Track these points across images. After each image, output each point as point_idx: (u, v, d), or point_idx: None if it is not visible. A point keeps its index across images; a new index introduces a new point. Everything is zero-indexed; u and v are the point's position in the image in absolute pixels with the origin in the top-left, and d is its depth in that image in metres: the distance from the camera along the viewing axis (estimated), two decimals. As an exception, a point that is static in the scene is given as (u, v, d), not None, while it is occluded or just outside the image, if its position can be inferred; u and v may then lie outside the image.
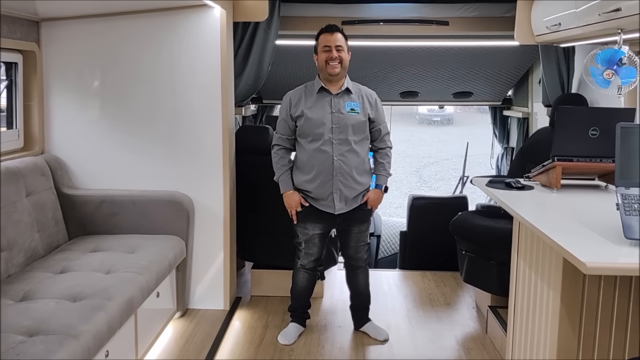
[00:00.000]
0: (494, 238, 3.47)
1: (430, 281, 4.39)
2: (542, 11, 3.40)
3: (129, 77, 3.47)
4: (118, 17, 3.40)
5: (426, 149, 20.86)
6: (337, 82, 3.13)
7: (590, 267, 1.82)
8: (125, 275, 2.71)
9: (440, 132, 23.99)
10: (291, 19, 4.21)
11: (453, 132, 23.29)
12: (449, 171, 17.58)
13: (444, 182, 16.20)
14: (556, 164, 2.94)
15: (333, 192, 3.10)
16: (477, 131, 21.90)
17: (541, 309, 2.54)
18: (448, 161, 18.87)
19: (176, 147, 3.51)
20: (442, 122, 25.91)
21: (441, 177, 16.97)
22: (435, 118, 25.62)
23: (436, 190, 15.27)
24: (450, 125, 25.53)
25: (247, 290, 4.12)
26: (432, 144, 21.68)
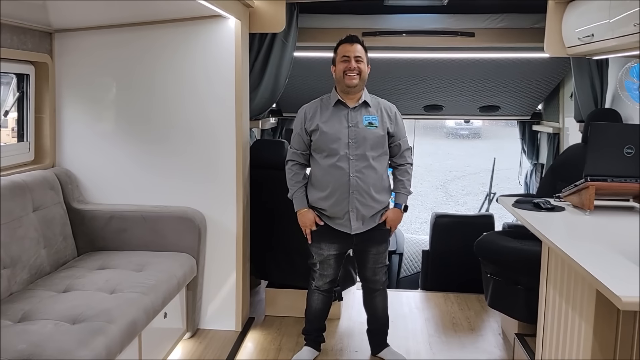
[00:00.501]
0: (522, 261, 3.27)
1: (453, 304, 4.18)
2: (573, 22, 3.21)
3: (142, 89, 3.39)
4: (131, 28, 3.32)
5: (453, 162, 20.51)
6: (354, 95, 2.99)
7: (626, 302, 1.65)
8: (130, 295, 2.59)
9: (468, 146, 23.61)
10: (310, 30, 4.10)
11: (481, 146, 22.90)
12: (476, 186, 17.22)
13: (471, 197, 15.87)
14: (589, 184, 2.75)
15: (349, 211, 2.94)
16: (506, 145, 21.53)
17: (572, 342, 2.34)
18: (475, 175, 18.51)
19: (189, 162, 3.40)
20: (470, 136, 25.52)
21: (468, 191, 16.63)
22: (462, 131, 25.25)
23: (463, 206, 14.96)
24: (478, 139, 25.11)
25: (261, 310, 3.98)
26: (460, 157, 21.32)
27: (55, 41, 3.33)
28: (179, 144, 3.40)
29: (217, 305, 3.51)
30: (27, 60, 3.18)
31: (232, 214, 3.42)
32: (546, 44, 3.46)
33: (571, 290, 2.38)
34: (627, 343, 2.07)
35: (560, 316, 2.51)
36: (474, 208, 14.91)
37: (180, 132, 3.39)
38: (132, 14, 3.19)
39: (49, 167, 3.33)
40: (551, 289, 2.64)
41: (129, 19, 3.27)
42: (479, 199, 15.74)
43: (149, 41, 3.34)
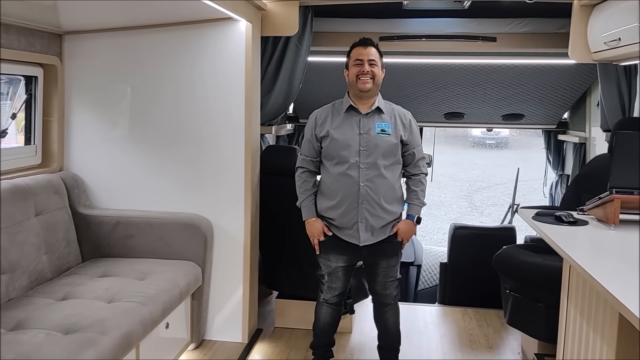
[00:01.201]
0: (543, 277, 3.10)
1: (471, 319, 4.01)
2: (599, 26, 3.04)
3: (151, 93, 3.32)
4: (142, 30, 3.27)
5: (479, 172, 20.17)
6: (367, 100, 2.87)
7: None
8: (128, 305, 2.50)
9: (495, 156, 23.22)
10: (325, 34, 3.99)
11: (508, 156, 22.49)
12: (502, 197, 16.89)
13: (496, 208, 15.55)
14: (614, 197, 2.58)
15: (358, 221, 2.81)
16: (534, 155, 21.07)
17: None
18: (501, 186, 18.17)
19: (197, 167, 3.32)
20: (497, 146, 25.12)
21: (493, 202, 16.31)
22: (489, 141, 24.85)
23: (488, 217, 14.65)
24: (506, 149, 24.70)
25: (270, 321, 3.87)
26: (485, 167, 20.97)
27: (64, 43, 3.29)
28: (187, 149, 3.32)
29: (223, 316, 3.41)
30: (35, 63, 3.15)
31: (240, 222, 3.32)
32: (571, 49, 3.29)
33: (593, 311, 2.22)
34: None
35: (581, 337, 2.34)
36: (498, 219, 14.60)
37: (189, 137, 3.31)
38: (143, 16, 3.13)
39: (56, 171, 3.28)
40: (572, 308, 2.48)
41: (140, 22, 3.21)
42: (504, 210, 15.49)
43: (159, 44, 3.27)
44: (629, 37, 2.59)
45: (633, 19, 2.51)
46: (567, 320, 2.54)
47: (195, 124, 3.29)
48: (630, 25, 2.56)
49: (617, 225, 2.58)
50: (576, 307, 2.42)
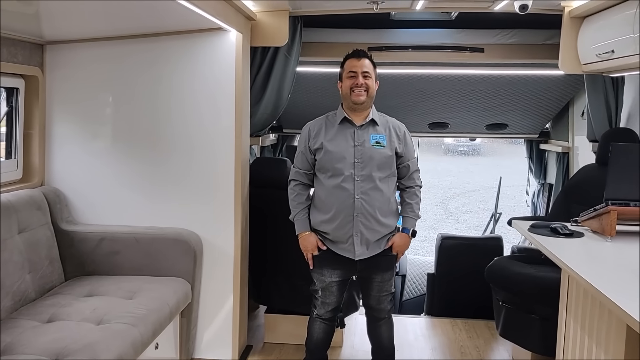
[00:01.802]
0: (537, 289, 3.10)
1: (461, 331, 3.98)
2: (591, 37, 3.06)
3: (136, 105, 3.22)
4: (128, 40, 3.17)
5: (452, 179, 20.38)
6: (361, 112, 2.83)
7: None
8: (118, 327, 2.40)
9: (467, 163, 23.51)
10: (314, 45, 3.96)
11: (481, 163, 22.82)
12: (476, 203, 17.10)
13: (470, 215, 15.72)
14: (610, 209, 2.58)
15: (353, 235, 2.76)
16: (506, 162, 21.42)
17: (598, 382, 2.16)
18: (475, 193, 18.41)
19: (185, 180, 3.23)
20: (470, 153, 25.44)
21: (468, 209, 16.48)
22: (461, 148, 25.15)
23: (463, 223, 14.81)
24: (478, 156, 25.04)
25: (259, 336, 3.78)
26: (459, 175, 21.20)
27: (46, 54, 3.17)
28: (174, 162, 3.22)
29: (213, 333, 3.31)
30: (16, 74, 3.02)
31: (230, 236, 3.24)
32: (561, 61, 3.31)
33: (595, 324, 2.20)
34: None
35: (582, 351, 2.33)
36: (474, 226, 14.75)
37: (177, 149, 3.22)
38: (129, 26, 3.04)
39: (37, 186, 3.15)
40: (572, 321, 2.47)
41: (125, 31, 3.12)
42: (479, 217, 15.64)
43: (146, 55, 3.18)
44: (624, 49, 2.61)
45: (628, 30, 2.53)
46: (565, 333, 2.53)
47: (184, 136, 3.20)
48: (625, 36, 2.57)
49: (613, 237, 2.58)
50: (576, 320, 2.41)
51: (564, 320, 2.55)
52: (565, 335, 2.53)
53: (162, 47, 3.15)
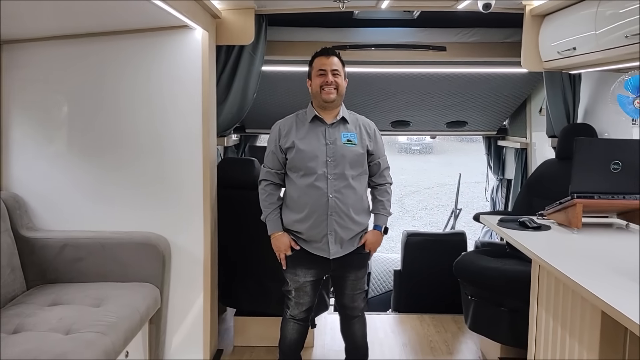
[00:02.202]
0: (504, 282, 3.16)
1: (429, 326, 4.03)
2: (551, 35, 3.15)
3: (100, 106, 3.10)
4: (90, 39, 3.05)
5: (407, 177, 20.66)
6: (332, 111, 2.82)
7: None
8: (88, 336, 2.30)
9: (420, 161, 23.90)
10: (278, 43, 3.92)
11: (433, 161, 23.25)
12: (430, 200, 17.41)
13: (427, 212, 15.98)
14: (576, 202, 2.66)
15: (328, 234, 2.75)
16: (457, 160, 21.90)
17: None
18: (429, 190, 18.73)
19: (151, 183, 3.13)
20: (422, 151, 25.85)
21: (424, 206, 16.75)
22: (415, 147, 25.54)
23: (419, 220, 15.03)
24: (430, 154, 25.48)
25: (229, 340, 3.73)
26: (413, 172, 21.53)
27: (2, 53, 3.02)
28: (140, 164, 3.12)
29: (182, 338, 3.23)
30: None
31: (199, 239, 3.16)
32: (523, 59, 3.39)
33: (568, 314, 2.26)
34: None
35: (555, 341, 2.38)
36: (430, 222, 15.01)
37: (142, 151, 3.12)
38: (91, 24, 2.91)
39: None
40: (543, 312, 2.52)
41: (87, 29, 2.99)
42: (435, 213, 15.94)
43: (109, 53, 3.06)
44: (586, 46, 2.69)
45: (590, 27, 2.60)
46: (537, 324, 2.59)
47: (150, 137, 3.11)
48: (587, 33, 2.65)
49: (579, 229, 2.66)
50: (548, 310, 2.47)
51: (535, 311, 2.60)
52: (537, 327, 2.58)
53: (126, 45, 3.05)
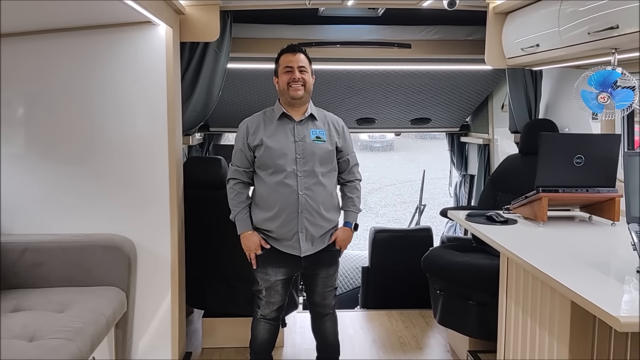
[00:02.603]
0: (472, 276, 3.21)
1: (398, 321, 4.06)
2: (515, 32, 3.20)
3: (58, 104, 2.99)
4: (47, 35, 2.93)
5: (369, 175, 20.77)
6: (300, 108, 2.80)
7: (624, 324, 1.55)
8: (54, 343, 2.22)
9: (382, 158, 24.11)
10: (243, 40, 3.86)
11: (394, 158, 23.48)
12: (393, 197, 17.58)
13: (389, 208, 16.13)
14: (542, 196, 2.71)
15: (298, 232, 2.73)
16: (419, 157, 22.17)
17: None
18: (391, 187, 18.90)
19: (115, 183, 3.04)
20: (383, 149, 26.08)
21: (386, 203, 16.90)
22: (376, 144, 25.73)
23: (382, 217, 15.16)
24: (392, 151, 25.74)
25: (197, 342, 3.66)
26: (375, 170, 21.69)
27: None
28: (103, 164, 3.03)
29: (150, 342, 3.14)
30: None
31: (166, 240, 3.09)
32: (487, 56, 3.45)
33: (538, 306, 2.30)
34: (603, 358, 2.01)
35: (525, 332, 2.43)
36: (393, 219, 15.16)
37: (105, 150, 3.02)
38: (49, 20, 2.80)
39: (-54, 195, 2.86)
40: (512, 305, 2.56)
41: (46, 25, 2.88)
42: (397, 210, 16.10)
43: (69, 50, 2.95)
44: (549, 42, 2.74)
45: (553, 24, 2.66)
46: (507, 317, 2.63)
47: (113, 136, 3.01)
48: (550, 30, 2.70)
49: (545, 222, 2.72)
50: (517, 303, 2.51)
51: (505, 304, 2.64)
52: (506, 319, 2.62)
53: (86, 42, 2.94)
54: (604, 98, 2.32)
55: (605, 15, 2.23)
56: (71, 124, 3.01)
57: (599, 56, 2.55)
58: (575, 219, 2.91)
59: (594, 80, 2.31)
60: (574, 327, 2.00)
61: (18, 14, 2.61)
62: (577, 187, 2.74)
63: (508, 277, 2.61)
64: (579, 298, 1.74)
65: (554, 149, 2.73)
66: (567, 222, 2.85)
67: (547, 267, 2.01)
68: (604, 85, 2.32)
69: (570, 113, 3.62)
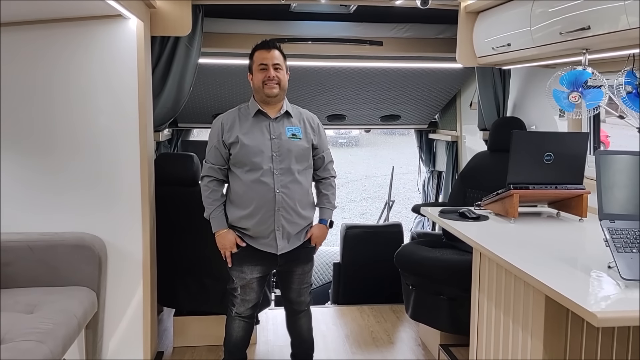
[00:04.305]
0: (443, 271, 3.25)
1: (369, 317, 4.09)
2: (486, 31, 3.26)
3: (25, 99, 2.90)
4: (13, 28, 2.83)
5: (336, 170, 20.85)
6: (275, 105, 2.78)
7: (601, 319, 1.59)
8: (24, 345, 2.16)
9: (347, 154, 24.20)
10: (214, 35, 3.81)
11: (359, 154, 23.59)
12: (359, 192, 17.69)
13: (355, 204, 16.24)
14: (513, 192, 2.77)
15: (275, 230, 2.71)
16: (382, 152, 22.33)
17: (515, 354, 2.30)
18: (357, 182, 19.01)
19: (85, 180, 2.97)
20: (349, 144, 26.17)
21: (352, 198, 17.00)
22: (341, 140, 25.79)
23: (349, 212, 15.24)
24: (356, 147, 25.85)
25: (168, 341, 3.62)
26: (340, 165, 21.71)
27: None
28: (72, 160, 2.95)
29: (122, 342, 3.09)
30: None
31: (137, 238, 3.04)
32: (458, 54, 3.49)
33: (511, 301, 2.34)
34: (575, 352, 2.07)
35: (498, 327, 2.47)
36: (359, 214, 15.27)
37: (74, 146, 2.94)
38: (16, 11, 2.70)
39: None
40: (485, 300, 2.61)
41: (12, 17, 2.77)
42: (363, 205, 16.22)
43: (37, 44, 2.86)
44: (521, 42, 2.79)
45: (524, 23, 2.71)
46: (479, 312, 2.67)
47: (83, 132, 2.94)
48: (521, 29, 2.75)
49: (516, 218, 2.78)
50: (490, 298, 2.55)
51: (477, 299, 2.68)
52: (479, 314, 2.67)
53: (55, 35, 2.86)
54: (575, 97, 2.38)
55: (577, 15, 2.29)
56: (39, 119, 2.92)
57: (570, 56, 2.62)
58: (544, 215, 2.98)
59: (565, 80, 2.37)
60: (548, 322, 2.04)
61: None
62: (546, 183, 2.80)
63: (481, 272, 2.65)
64: (555, 294, 1.78)
65: (525, 146, 2.78)
66: (536, 218, 2.92)
67: (522, 263, 2.05)
68: (575, 85, 2.38)
69: (537, 111, 3.70)
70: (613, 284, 1.83)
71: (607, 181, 2.04)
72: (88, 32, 2.88)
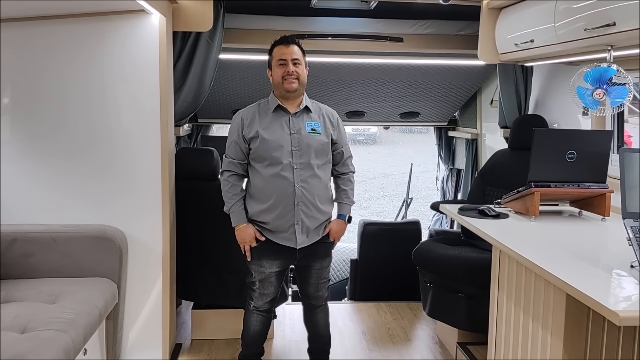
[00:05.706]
0: (461, 269, 3.24)
1: (386, 313, 4.09)
2: (508, 28, 3.22)
3: (50, 94, 2.94)
4: (37, 22, 2.88)
5: (353, 168, 20.81)
6: (294, 100, 2.79)
7: (623, 318, 1.57)
8: (46, 334, 2.20)
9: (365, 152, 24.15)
10: (234, 31, 3.83)
11: (377, 151, 23.52)
12: (376, 190, 17.64)
13: (373, 202, 16.19)
14: (534, 190, 2.74)
15: (295, 224, 2.72)
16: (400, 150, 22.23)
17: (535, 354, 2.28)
18: (375, 180, 18.96)
19: (107, 174, 3.01)
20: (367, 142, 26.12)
21: (370, 196, 16.96)
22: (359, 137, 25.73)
23: (366, 210, 15.21)
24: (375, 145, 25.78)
25: (186, 334, 3.65)
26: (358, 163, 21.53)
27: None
28: (95, 154, 2.99)
29: (141, 334, 3.13)
30: None
31: (158, 232, 3.07)
32: (480, 51, 3.46)
33: (531, 299, 2.32)
34: (596, 354, 2.05)
35: (518, 325, 2.45)
36: (376, 212, 15.23)
37: (97, 140, 2.99)
38: (40, 6, 2.74)
39: None
40: (504, 298, 2.59)
41: (34, 12, 2.82)
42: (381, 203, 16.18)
43: (61, 38, 2.90)
44: (544, 38, 2.76)
45: (549, 19, 2.67)
46: (498, 311, 2.65)
47: (104, 126, 2.98)
48: (545, 25, 2.72)
49: (537, 217, 2.75)
50: (509, 296, 2.53)
51: (496, 298, 2.67)
52: (497, 312, 2.65)
53: (78, 29, 2.89)
54: (599, 94, 2.35)
55: (602, 12, 2.26)
56: (63, 115, 2.97)
57: (594, 53, 2.58)
58: (565, 214, 2.95)
59: (590, 77, 2.34)
60: (569, 321, 2.02)
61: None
62: (568, 182, 2.77)
63: (500, 270, 2.63)
64: (576, 292, 1.76)
65: (547, 144, 2.76)
66: (558, 216, 2.89)
67: (543, 261, 2.03)
68: (599, 82, 2.35)
69: (559, 109, 3.66)
70: (635, 284, 1.80)
71: (631, 180, 2.02)
72: (111, 27, 2.92)
